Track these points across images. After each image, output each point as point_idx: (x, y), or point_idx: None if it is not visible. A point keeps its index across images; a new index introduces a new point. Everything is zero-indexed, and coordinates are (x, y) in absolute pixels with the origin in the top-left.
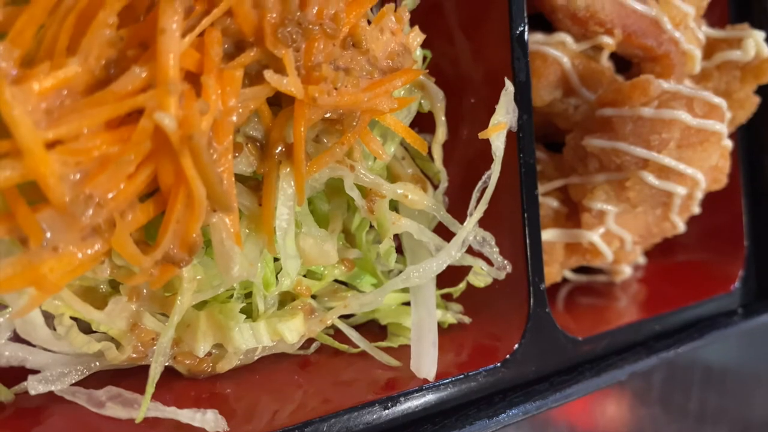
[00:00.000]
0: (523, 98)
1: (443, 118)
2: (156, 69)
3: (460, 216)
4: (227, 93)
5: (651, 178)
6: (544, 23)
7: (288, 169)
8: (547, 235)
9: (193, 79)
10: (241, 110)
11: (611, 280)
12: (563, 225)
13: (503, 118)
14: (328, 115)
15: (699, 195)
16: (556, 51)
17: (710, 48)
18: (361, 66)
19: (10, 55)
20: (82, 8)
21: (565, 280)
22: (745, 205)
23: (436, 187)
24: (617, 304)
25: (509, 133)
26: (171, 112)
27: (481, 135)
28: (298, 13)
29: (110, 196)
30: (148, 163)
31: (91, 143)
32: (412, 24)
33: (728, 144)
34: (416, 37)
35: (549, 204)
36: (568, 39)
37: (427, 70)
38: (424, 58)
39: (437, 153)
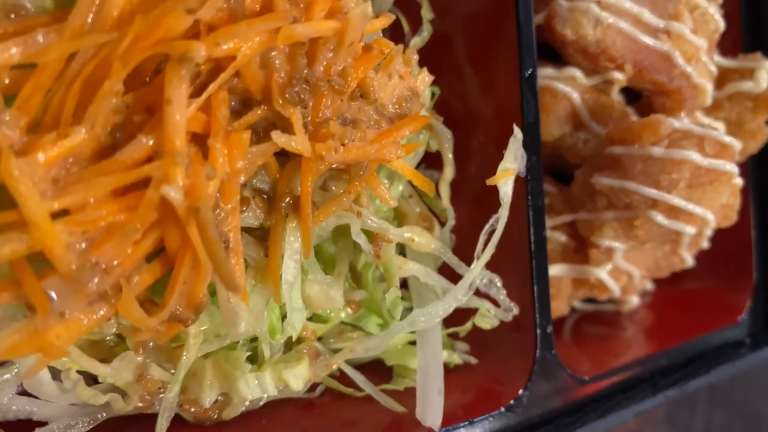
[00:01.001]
0: (532, 140)
1: (451, 157)
2: (162, 137)
3: (468, 252)
4: (234, 156)
5: (660, 218)
6: (555, 51)
7: (294, 223)
8: (555, 270)
9: (199, 140)
10: (248, 168)
11: (618, 308)
12: (571, 259)
13: (511, 164)
14: (335, 166)
15: (708, 232)
16: (566, 86)
17: (722, 78)
18: (368, 116)
19: (17, 123)
20: (88, 74)
21: (572, 309)
22: (755, 234)
23: (443, 225)
24: (624, 335)
25: (518, 177)
26: (178, 182)
27: (489, 182)
28: (306, 71)
29: (116, 262)
30: (155, 229)
31: (97, 213)
32: (420, 59)
33: (739, 182)
34: (424, 79)
35: (557, 238)
36: (578, 74)
37: (435, 110)
38: (432, 95)
39: (444, 192)
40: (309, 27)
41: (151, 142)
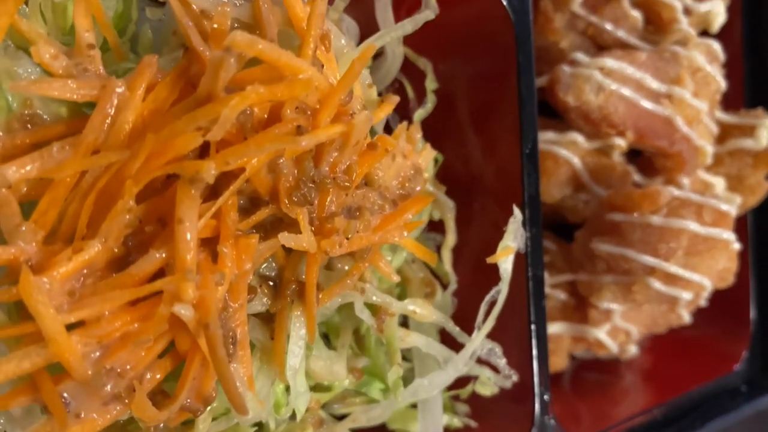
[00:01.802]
0: (533, 212)
1: (453, 225)
2: (174, 252)
3: (470, 314)
4: (243, 259)
5: (657, 284)
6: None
7: (300, 311)
8: (555, 327)
9: (209, 242)
10: (255, 261)
11: (616, 356)
12: (570, 317)
13: (511, 243)
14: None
15: (705, 294)
16: (567, 152)
17: (723, 133)
18: (372, 201)
19: (34, 237)
20: (102, 187)
21: (571, 356)
22: (753, 283)
23: (445, 287)
24: (621, 384)
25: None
26: (189, 297)
27: (489, 260)
28: (313, 171)
29: (129, 366)
30: (166, 335)
31: (111, 325)
32: (424, 123)
33: (737, 247)
34: (428, 155)
35: (557, 296)
36: (579, 138)
37: (438, 176)
38: (435, 161)
39: (447, 257)
40: (315, 137)
41: (162, 255)
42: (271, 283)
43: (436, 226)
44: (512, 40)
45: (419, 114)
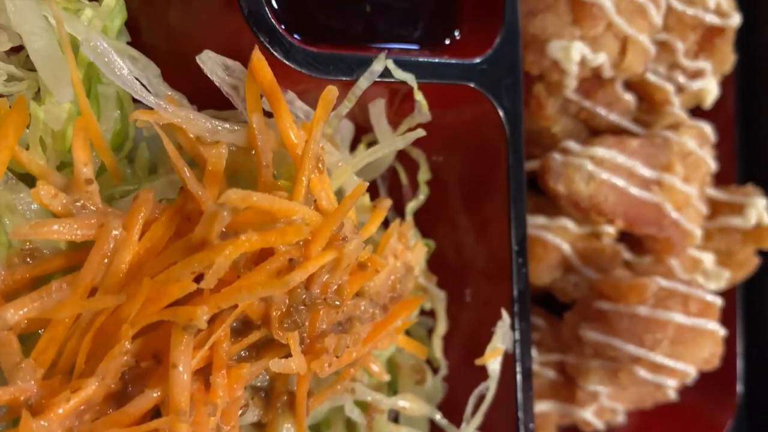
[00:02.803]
0: (522, 308)
1: (444, 314)
2: (168, 392)
3: (459, 400)
4: (234, 388)
5: (643, 372)
6: None
7: (290, 424)
8: (543, 406)
9: (201, 370)
10: (247, 379)
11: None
12: (559, 395)
13: (500, 345)
14: None
15: (690, 380)
16: (557, 238)
17: (714, 210)
18: (363, 309)
19: (34, 374)
20: (99, 326)
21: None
22: (740, 350)
23: (435, 371)
24: None
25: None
26: None
27: (478, 362)
28: (304, 295)
29: None
30: None
31: None
32: (416, 216)
33: (721, 334)
34: (420, 252)
35: (546, 374)
36: (569, 224)
37: (429, 264)
38: (427, 247)
39: (437, 344)
40: (306, 271)
41: (158, 394)
42: (262, 393)
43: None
44: (504, 143)
45: (411, 207)
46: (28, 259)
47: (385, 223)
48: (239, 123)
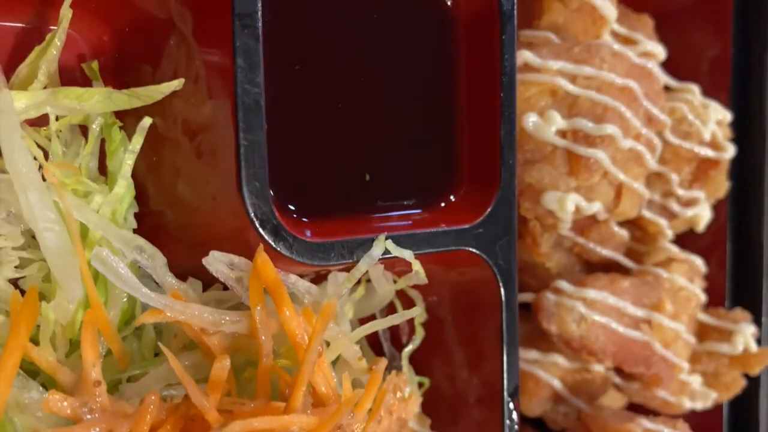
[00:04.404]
0: None
1: None
2: None
3: None
4: None
5: None
6: None
7: None
8: None
9: None
10: None
11: None
12: None
13: None
14: None
15: None
16: (548, 374)
17: (702, 333)
18: None
19: None
20: None
21: None
22: None
23: None
24: None
25: None
26: None
27: None
28: None
29: None
30: None
31: None
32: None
33: None
34: (415, 403)
35: None
36: (560, 360)
37: (423, 400)
38: (420, 385)
39: None
40: None
41: None
42: None
43: None
44: (498, 296)
45: (407, 351)
46: None
47: (381, 351)
48: (242, 312)
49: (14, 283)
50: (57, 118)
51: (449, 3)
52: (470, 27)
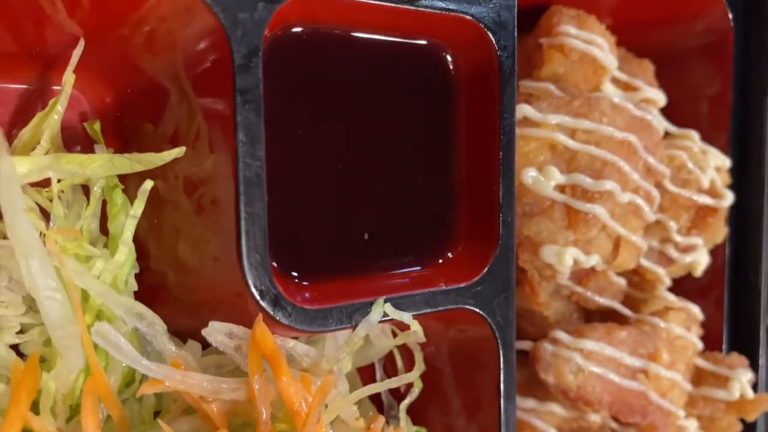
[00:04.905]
0: None
1: None
2: None
3: None
4: None
5: None
6: None
7: None
8: None
9: None
10: None
11: None
12: None
13: None
14: None
15: None
16: (545, 423)
17: (698, 377)
18: None
19: None
20: None
21: None
22: None
23: None
24: None
25: None
26: None
27: None
28: None
29: None
30: None
31: None
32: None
33: None
34: None
35: None
36: (557, 409)
37: None
38: None
39: None
40: None
41: None
42: None
43: None
44: (495, 350)
45: (405, 404)
46: None
47: (380, 404)
48: (240, 379)
49: (14, 347)
50: (59, 180)
51: (450, 63)
52: (470, 87)
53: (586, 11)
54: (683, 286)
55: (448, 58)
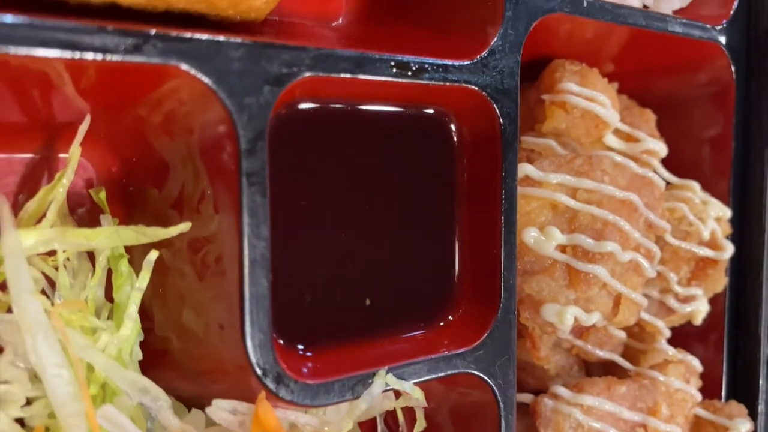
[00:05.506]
0: None
1: None
2: None
3: None
4: None
5: None
6: None
7: None
8: None
9: None
10: None
11: None
12: None
13: None
14: None
15: None
16: None
17: (697, 426)
18: None
19: None
20: None
21: None
22: None
23: None
24: None
25: None
26: None
27: None
28: None
29: None
30: None
31: None
32: None
33: None
34: None
35: None
36: None
37: None
38: None
39: None
40: None
41: None
42: None
43: None
44: (496, 411)
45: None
46: None
47: None
48: None
49: (19, 420)
50: (64, 250)
51: (453, 130)
52: (473, 152)
53: (590, 60)
54: (683, 329)
55: (452, 125)
